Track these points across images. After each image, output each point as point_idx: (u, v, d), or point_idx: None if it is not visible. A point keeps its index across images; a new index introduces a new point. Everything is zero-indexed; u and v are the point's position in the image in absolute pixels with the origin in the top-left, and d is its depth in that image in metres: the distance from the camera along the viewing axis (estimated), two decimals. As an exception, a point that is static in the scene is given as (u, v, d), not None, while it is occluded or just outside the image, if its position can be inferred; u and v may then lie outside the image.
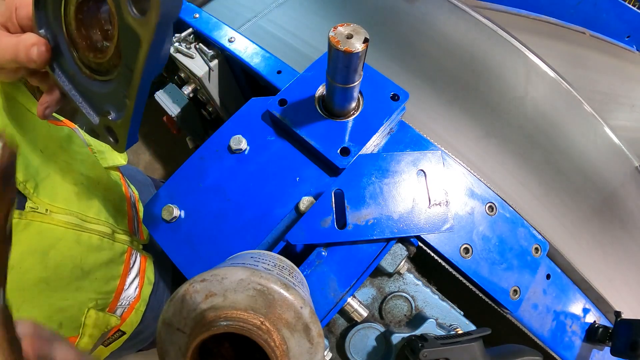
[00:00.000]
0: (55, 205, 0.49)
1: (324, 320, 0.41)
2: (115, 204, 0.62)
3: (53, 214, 0.48)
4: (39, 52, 0.35)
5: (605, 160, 0.79)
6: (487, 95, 0.71)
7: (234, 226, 0.45)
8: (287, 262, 0.35)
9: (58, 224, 0.48)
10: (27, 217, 0.45)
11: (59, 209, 0.49)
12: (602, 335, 0.56)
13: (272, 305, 0.25)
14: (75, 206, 0.52)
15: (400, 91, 0.47)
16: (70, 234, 0.49)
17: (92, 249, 0.53)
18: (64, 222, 0.49)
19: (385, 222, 0.41)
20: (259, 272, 0.26)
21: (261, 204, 0.45)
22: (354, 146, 0.44)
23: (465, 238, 0.47)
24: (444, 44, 0.74)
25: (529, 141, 0.70)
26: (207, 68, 0.76)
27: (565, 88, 0.79)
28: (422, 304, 0.47)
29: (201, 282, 0.26)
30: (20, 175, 0.45)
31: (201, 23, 0.75)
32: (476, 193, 0.48)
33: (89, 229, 0.53)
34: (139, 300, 0.62)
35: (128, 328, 0.62)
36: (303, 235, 0.40)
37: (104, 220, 0.56)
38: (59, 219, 0.48)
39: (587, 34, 1.30)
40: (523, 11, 1.22)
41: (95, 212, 0.55)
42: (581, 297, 0.59)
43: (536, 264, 0.50)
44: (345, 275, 0.42)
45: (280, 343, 0.25)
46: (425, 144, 0.49)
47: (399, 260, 0.43)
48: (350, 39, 0.34)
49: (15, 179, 0.29)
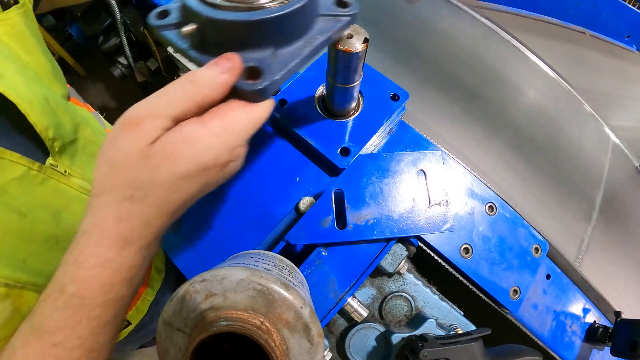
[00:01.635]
0: (74, 169, 0.51)
1: (324, 320, 0.41)
2: None
3: (71, 177, 0.51)
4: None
5: (605, 160, 0.79)
6: (487, 95, 0.71)
7: (234, 226, 0.45)
8: (287, 262, 0.35)
9: (74, 186, 0.51)
10: (46, 172, 0.47)
11: (76, 172, 0.52)
12: (602, 335, 0.56)
13: (272, 305, 0.25)
14: (90, 174, 0.55)
15: (400, 91, 0.47)
16: (84, 199, 0.52)
17: None
18: (79, 186, 0.52)
19: (385, 222, 0.41)
20: (259, 272, 0.26)
21: (261, 204, 0.45)
22: (354, 146, 0.44)
23: (465, 238, 0.47)
24: (444, 44, 0.74)
25: (529, 141, 0.70)
26: (207, 68, 0.76)
27: (565, 88, 0.79)
28: (422, 304, 0.47)
29: (201, 282, 0.26)
30: (51, 132, 0.47)
31: (201, 23, 0.75)
32: (476, 193, 0.48)
33: None
34: (147, 287, 0.62)
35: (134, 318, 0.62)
36: (303, 235, 0.40)
37: None
38: (75, 182, 0.51)
39: (587, 34, 1.30)
40: (523, 11, 1.22)
41: None
42: (581, 297, 0.59)
43: (536, 264, 0.50)
44: (345, 275, 0.42)
45: (280, 343, 0.25)
46: (425, 144, 0.49)
47: (399, 260, 0.43)
48: (350, 38, 0.34)
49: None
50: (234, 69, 0.27)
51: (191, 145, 0.26)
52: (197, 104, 0.27)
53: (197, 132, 0.26)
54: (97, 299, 0.28)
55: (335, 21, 0.31)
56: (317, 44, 0.30)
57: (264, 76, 0.28)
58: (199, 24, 0.28)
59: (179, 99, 0.27)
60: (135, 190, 0.27)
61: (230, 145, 0.28)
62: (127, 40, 1.02)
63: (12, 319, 0.41)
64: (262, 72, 0.28)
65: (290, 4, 0.28)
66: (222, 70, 0.27)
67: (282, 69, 0.28)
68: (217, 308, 0.25)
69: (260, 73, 0.28)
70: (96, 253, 0.27)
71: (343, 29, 0.32)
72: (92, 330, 0.29)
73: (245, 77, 0.28)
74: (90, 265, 0.27)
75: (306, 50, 0.29)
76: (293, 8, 0.27)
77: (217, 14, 0.27)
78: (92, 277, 0.28)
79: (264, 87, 0.27)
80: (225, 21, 0.27)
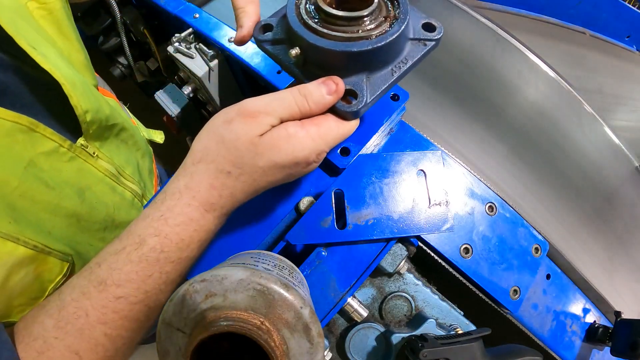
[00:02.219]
0: (102, 152, 0.53)
1: (324, 320, 0.41)
2: (147, 172, 0.69)
3: (98, 159, 0.52)
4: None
5: (605, 160, 0.79)
6: (487, 95, 0.71)
7: (234, 226, 0.45)
8: (287, 262, 0.35)
9: (100, 169, 0.52)
10: (75, 151, 0.48)
11: (104, 156, 0.53)
12: (602, 335, 0.56)
13: (272, 305, 0.25)
14: (117, 159, 0.57)
15: (400, 91, 0.47)
16: (108, 182, 0.54)
17: (125, 203, 0.57)
18: (104, 168, 0.53)
19: (385, 222, 0.41)
20: (259, 272, 0.26)
21: (261, 204, 0.45)
22: (354, 146, 0.44)
23: (465, 238, 0.47)
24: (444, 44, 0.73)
25: (529, 141, 0.70)
26: (207, 68, 0.76)
27: (565, 88, 0.78)
28: (422, 304, 0.47)
29: (201, 282, 0.26)
30: (89, 116, 0.48)
31: (201, 23, 0.75)
32: (476, 193, 0.48)
33: (124, 184, 0.58)
34: None
35: None
36: (303, 235, 0.40)
37: (137, 180, 0.61)
38: (102, 165, 0.53)
39: (587, 34, 1.30)
40: (523, 11, 1.22)
41: (131, 171, 0.60)
42: (581, 297, 0.59)
43: (536, 264, 0.50)
44: (345, 275, 0.42)
45: (280, 343, 0.25)
46: (425, 144, 0.49)
47: (399, 260, 0.43)
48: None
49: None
50: (338, 92, 0.31)
51: (291, 143, 0.31)
52: (302, 114, 0.32)
53: (297, 132, 0.31)
54: (173, 254, 0.31)
55: (423, 45, 0.33)
56: (406, 69, 0.32)
57: (358, 99, 0.31)
58: (303, 47, 0.31)
59: (290, 106, 0.31)
60: (235, 168, 0.31)
61: (319, 149, 0.33)
62: (127, 40, 1.02)
63: (31, 286, 0.41)
64: (357, 95, 0.31)
65: (388, 35, 0.30)
66: (329, 92, 0.31)
67: (374, 93, 0.31)
68: (217, 308, 0.25)
69: (356, 96, 0.31)
70: (184, 212, 0.31)
71: (429, 53, 0.33)
72: (159, 287, 0.31)
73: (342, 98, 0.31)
74: (176, 223, 0.31)
75: (396, 74, 0.32)
76: (390, 39, 0.29)
77: (320, 41, 0.30)
78: (176, 233, 0.31)
79: (357, 110, 0.31)
80: (327, 50, 0.29)
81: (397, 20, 0.31)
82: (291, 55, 0.31)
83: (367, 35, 0.30)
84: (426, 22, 0.33)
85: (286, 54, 0.32)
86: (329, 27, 0.30)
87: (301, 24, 0.31)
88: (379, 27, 0.30)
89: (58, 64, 0.45)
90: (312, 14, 0.32)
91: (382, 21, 0.31)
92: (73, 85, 0.45)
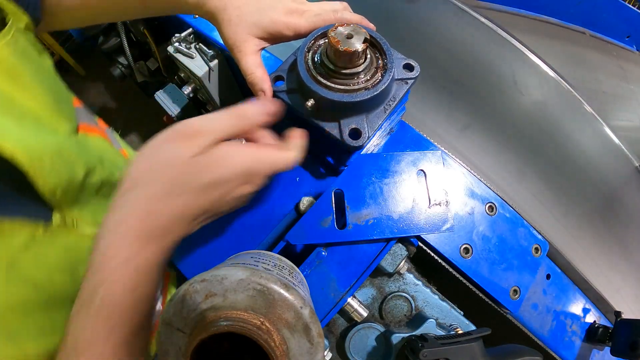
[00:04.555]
0: (83, 215, 0.44)
1: (324, 320, 0.41)
2: None
3: (79, 227, 0.44)
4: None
5: (605, 160, 0.79)
6: (487, 96, 0.71)
7: (234, 226, 0.45)
8: (287, 262, 0.35)
9: (85, 238, 0.43)
10: (52, 231, 0.40)
11: (86, 218, 0.44)
12: (602, 335, 0.56)
13: (272, 305, 0.25)
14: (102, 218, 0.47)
15: (400, 91, 0.47)
16: None
17: None
18: (91, 234, 0.44)
19: (385, 222, 0.41)
20: (259, 272, 0.26)
21: (261, 204, 0.45)
22: (354, 146, 0.44)
23: (465, 238, 0.47)
24: (444, 44, 0.74)
25: (530, 141, 0.70)
26: (207, 68, 0.76)
27: (565, 88, 0.79)
28: (422, 304, 0.47)
29: (201, 282, 0.26)
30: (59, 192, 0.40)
31: (201, 23, 0.75)
32: (476, 193, 0.48)
33: None
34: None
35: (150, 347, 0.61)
36: (303, 235, 0.40)
37: None
38: (86, 231, 0.44)
39: (587, 34, 1.30)
40: (523, 11, 1.22)
41: None
42: (581, 297, 0.59)
43: (536, 264, 0.50)
44: (345, 275, 0.42)
45: (280, 343, 0.25)
46: (425, 144, 0.49)
47: (399, 260, 0.43)
48: (350, 39, 0.34)
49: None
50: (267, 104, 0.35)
51: (226, 162, 0.32)
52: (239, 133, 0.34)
53: (231, 152, 0.32)
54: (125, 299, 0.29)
55: (404, 84, 0.39)
56: (393, 105, 0.39)
57: (362, 135, 0.36)
58: (316, 99, 0.37)
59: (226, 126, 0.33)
60: (174, 187, 0.30)
61: (253, 170, 0.33)
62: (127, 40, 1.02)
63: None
64: (361, 133, 0.36)
65: (381, 84, 0.36)
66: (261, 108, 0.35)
67: (372, 128, 0.37)
68: (217, 308, 0.25)
69: (360, 133, 0.36)
70: (121, 247, 0.29)
71: (410, 88, 0.40)
72: (125, 338, 0.29)
73: (350, 135, 0.36)
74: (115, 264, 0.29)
75: (387, 111, 0.38)
76: (384, 87, 0.36)
77: (330, 94, 0.36)
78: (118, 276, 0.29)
79: (362, 144, 0.36)
80: (337, 101, 0.36)
81: (386, 71, 0.37)
82: (307, 106, 0.37)
83: (366, 86, 0.36)
84: (406, 62, 0.40)
85: (300, 103, 0.38)
86: (335, 81, 0.37)
87: (312, 80, 0.37)
88: (373, 76, 0.37)
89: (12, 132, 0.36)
90: (317, 66, 0.38)
91: (374, 72, 0.38)
92: (40, 161, 0.36)
